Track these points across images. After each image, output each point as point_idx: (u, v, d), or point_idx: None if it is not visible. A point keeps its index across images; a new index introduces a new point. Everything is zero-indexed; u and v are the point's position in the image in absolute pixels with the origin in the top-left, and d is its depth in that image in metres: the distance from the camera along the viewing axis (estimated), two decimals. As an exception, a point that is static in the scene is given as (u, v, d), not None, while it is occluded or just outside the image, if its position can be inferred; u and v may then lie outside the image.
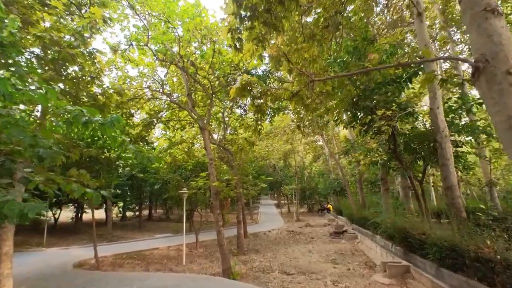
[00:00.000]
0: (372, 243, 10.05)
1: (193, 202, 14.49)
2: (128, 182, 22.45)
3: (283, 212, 32.66)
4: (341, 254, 10.50)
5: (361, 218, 13.39)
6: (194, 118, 9.25)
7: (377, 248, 9.30)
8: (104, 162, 12.04)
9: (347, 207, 18.43)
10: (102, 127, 3.39)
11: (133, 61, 12.87)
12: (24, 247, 14.64)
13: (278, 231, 19.28)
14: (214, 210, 8.37)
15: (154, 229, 21.45)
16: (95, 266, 10.78)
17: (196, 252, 13.51)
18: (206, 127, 8.84)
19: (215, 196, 8.26)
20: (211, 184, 7.21)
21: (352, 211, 15.93)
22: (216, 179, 8.39)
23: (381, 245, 9.42)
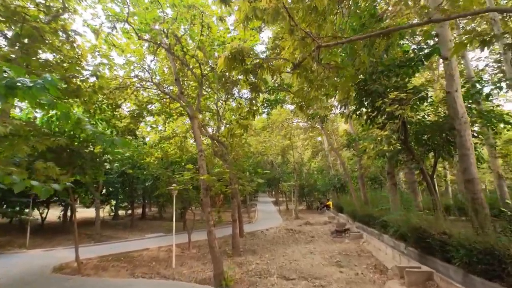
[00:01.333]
0: (381, 244, 9.16)
1: (185, 200, 13.52)
2: (119, 179, 21.43)
3: (281, 209, 31.78)
4: (346, 255, 9.58)
5: (366, 215, 12.51)
6: (182, 106, 8.28)
7: (387, 249, 8.40)
8: (87, 156, 11.02)
9: (348, 204, 17.56)
10: (29, 91, 2.42)
11: (118, 47, 11.82)
12: (6, 248, 13.63)
13: (276, 230, 18.37)
14: (204, 207, 7.42)
15: (146, 228, 20.48)
16: (77, 269, 9.82)
17: (188, 253, 12.57)
18: (195, 115, 7.86)
19: (205, 192, 7.30)
20: (199, 177, 6.26)
21: (355, 208, 15.04)
22: (207, 173, 7.43)
23: (391, 246, 8.53)
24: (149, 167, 14.30)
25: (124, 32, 11.31)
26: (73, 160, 10.74)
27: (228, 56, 4.16)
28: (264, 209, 32.95)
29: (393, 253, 7.80)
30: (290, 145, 24.94)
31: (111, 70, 12.84)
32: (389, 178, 10.89)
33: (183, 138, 16.11)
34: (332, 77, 4.55)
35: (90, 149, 11.50)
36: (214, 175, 6.78)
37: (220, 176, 7.44)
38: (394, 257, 7.66)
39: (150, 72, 12.67)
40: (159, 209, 26.75)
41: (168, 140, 15.70)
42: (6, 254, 12.63)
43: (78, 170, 11.67)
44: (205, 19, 7.40)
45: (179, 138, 16.10)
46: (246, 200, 28.18)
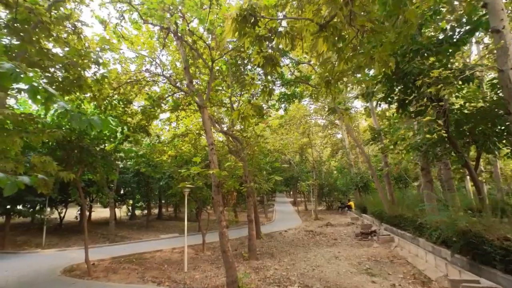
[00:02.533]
0: (418, 249, 8.00)
1: (199, 199, 12.86)
2: (135, 178, 21.21)
3: (300, 210, 30.63)
4: (377, 261, 8.50)
5: (395, 216, 11.32)
6: (190, 95, 7.57)
7: (427, 255, 7.27)
8: (98, 154, 10.60)
9: (374, 204, 16.29)
10: None
11: (127, 39, 11.34)
12: (22, 248, 13.55)
13: (296, 231, 17.39)
14: (215, 206, 6.64)
15: (162, 228, 20.10)
16: (87, 271, 9.37)
17: (202, 255, 11.89)
18: (205, 105, 7.11)
19: (217, 189, 6.53)
20: (207, 172, 5.50)
21: (382, 208, 13.81)
22: (218, 168, 6.65)
23: (429, 251, 7.39)
24: (162, 166, 13.76)
25: (133, 23, 10.81)
26: (84, 158, 10.33)
27: (237, 17, 3.33)
28: (282, 209, 31.96)
29: (435, 261, 6.67)
30: (308, 142, 23.79)
31: (126, 64, 12.45)
32: (424, 175, 9.68)
33: (197, 135, 15.49)
34: (365, 47, 3.62)
35: (101, 147, 11.09)
36: (225, 170, 5.99)
37: (232, 172, 6.65)
38: (437, 265, 6.53)
39: (161, 66, 12.13)
40: (174, 209, 26.43)
41: (182, 137, 15.13)
42: (21, 253, 12.49)
43: (89, 168, 11.29)
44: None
45: (192, 135, 15.49)
46: (263, 200, 27.32)
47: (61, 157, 10.15)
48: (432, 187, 9.61)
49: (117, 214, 24.49)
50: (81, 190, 10.27)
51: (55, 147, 10.19)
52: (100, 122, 2.78)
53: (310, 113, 26.13)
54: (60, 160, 10.10)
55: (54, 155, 10.11)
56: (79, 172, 10.46)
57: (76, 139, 10.05)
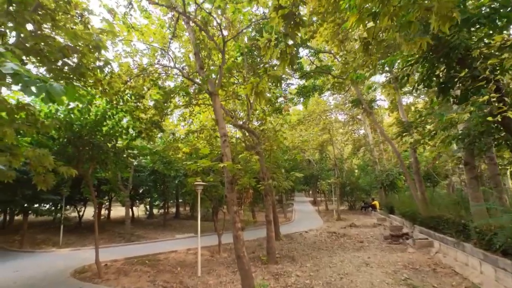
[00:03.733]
0: (468, 257, 6.79)
1: (214, 198, 12.16)
2: (151, 177, 20.95)
3: (321, 210, 29.39)
4: (415, 270, 7.36)
5: (432, 218, 10.06)
6: (201, 80, 6.84)
7: (482, 265, 6.08)
8: (110, 151, 10.13)
9: (404, 204, 14.94)
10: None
11: (137, 29, 10.83)
12: (40, 246, 13.46)
13: (317, 232, 16.34)
14: (229, 205, 5.85)
15: (179, 228, 19.67)
16: (97, 273, 8.91)
17: (218, 257, 11.18)
18: (216, 92, 6.34)
19: (230, 186, 5.73)
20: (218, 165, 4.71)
21: (414, 208, 12.50)
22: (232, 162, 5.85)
23: (481, 259, 6.21)
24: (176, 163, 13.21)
25: (142, 11, 10.27)
26: (95, 154, 9.89)
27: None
28: (301, 209, 30.84)
29: (496, 273, 5.50)
30: (329, 139, 22.54)
31: (139, 58, 11.99)
32: (468, 171, 8.41)
33: (212, 131, 14.84)
34: None
35: (113, 143, 10.62)
36: (239, 164, 5.18)
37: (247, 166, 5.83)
38: (498, 279, 5.37)
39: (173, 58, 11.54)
40: (191, 208, 26.07)
41: (196, 133, 14.54)
42: (36, 252, 12.34)
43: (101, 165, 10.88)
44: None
45: (208, 131, 14.86)
46: (282, 199, 26.37)
47: (72, 154, 9.76)
48: (478, 184, 8.31)
49: (135, 213, 24.45)
50: (92, 187, 9.82)
51: (66, 143, 9.78)
52: (62, 89, 2.06)
53: (330, 108, 24.89)
54: (71, 157, 9.74)
55: (65, 152, 9.75)
56: (90, 169, 10.05)
57: (87, 135, 9.61)
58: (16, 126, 4.96)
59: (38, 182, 5.60)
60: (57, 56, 5.84)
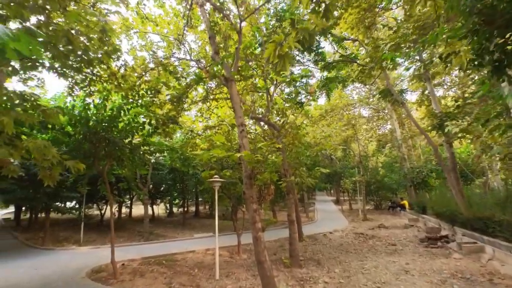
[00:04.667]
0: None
1: (232, 196, 11.54)
2: (170, 175, 20.76)
3: (344, 209, 28.09)
4: (467, 280, 6.29)
5: (478, 219, 8.85)
6: (216, 76, 6.21)
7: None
8: (126, 147, 9.78)
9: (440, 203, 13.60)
10: None
11: (151, 20, 10.42)
12: (62, 244, 13.49)
13: (343, 233, 15.33)
14: (247, 203, 5.16)
15: (198, 227, 19.32)
16: (112, 274, 8.56)
17: (237, 259, 10.55)
18: (232, 77, 5.67)
19: (248, 181, 5.04)
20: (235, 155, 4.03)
21: (452, 208, 11.24)
22: None
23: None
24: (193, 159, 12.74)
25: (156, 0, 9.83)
26: (112, 151, 9.57)
27: None
28: (323, 209, 29.68)
29: None
30: (353, 135, 21.27)
31: (158, 49, 11.61)
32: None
33: (230, 126, 14.25)
34: None
35: (129, 139, 10.26)
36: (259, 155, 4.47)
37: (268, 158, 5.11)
38: None
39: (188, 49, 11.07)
40: (210, 206, 25.74)
41: (214, 129, 14.01)
42: (57, 250, 12.32)
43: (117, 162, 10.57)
44: None
45: (225, 126, 14.28)
46: (304, 198, 25.39)
47: (89, 151, 9.48)
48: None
49: (155, 212, 24.47)
50: (107, 185, 9.50)
51: (82, 139, 9.51)
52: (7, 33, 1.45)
53: (354, 102, 23.59)
54: (87, 154, 9.48)
55: (81, 148, 9.49)
56: (106, 166, 9.74)
57: (102, 131, 9.28)
58: (14, 115, 4.53)
59: (44, 177, 5.18)
60: (62, 41, 5.40)
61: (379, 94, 13.61)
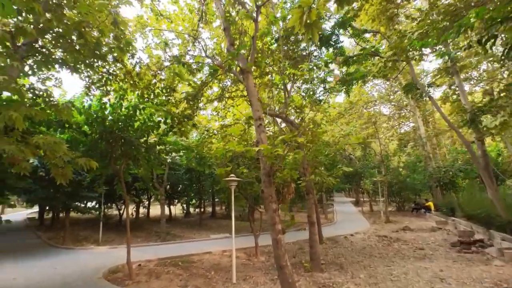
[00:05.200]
0: None
1: (249, 196, 11.20)
2: (186, 175, 20.70)
3: (365, 211, 27.07)
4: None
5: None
6: (233, 73, 5.86)
7: None
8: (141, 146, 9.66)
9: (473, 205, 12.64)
10: None
11: (165, 17, 10.28)
12: (81, 243, 13.62)
13: (365, 236, 14.62)
14: (266, 203, 4.76)
15: (215, 227, 19.11)
16: (128, 275, 8.40)
17: (255, 261, 10.18)
18: (249, 69, 5.31)
19: (267, 179, 4.65)
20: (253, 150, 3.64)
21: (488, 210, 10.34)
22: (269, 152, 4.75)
23: None
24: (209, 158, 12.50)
25: (170, -5, 9.66)
26: (128, 150, 9.47)
27: None
28: (342, 210, 28.76)
29: None
30: (374, 133, 20.33)
31: (170, 50, 11.50)
32: None
33: (246, 125, 13.92)
34: None
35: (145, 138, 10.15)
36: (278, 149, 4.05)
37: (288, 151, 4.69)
38: None
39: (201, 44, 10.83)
40: (226, 207, 25.51)
41: (229, 128, 13.72)
42: (76, 249, 12.41)
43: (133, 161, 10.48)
44: None
45: (241, 125, 13.96)
46: (322, 199, 24.67)
47: (105, 150, 9.42)
48: None
49: (172, 212, 24.54)
50: (123, 184, 9.39)
51: (98, 139, 9.46)
52: None
53: (374, 99, 22.66)
54: (104, 153, 9.43)
55: (97, 147, 9.45)
56: (122, 166, 9.65)
57: (118, 130, 9.19)
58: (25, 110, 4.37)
59: (56, 175, 5.01)
60: (72, 34, 5.24)
61: (403, 89, 12.82)
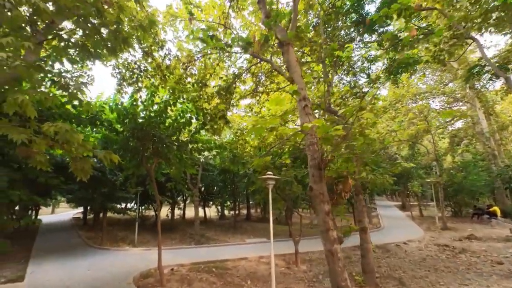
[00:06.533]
0: None
1: (288, 197, 10.16)
2: (220, 177, 20.18)
3: (414, 215, 24.42)
4: None
5: None
6: (267, 61, 4.95)
7: None
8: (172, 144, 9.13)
9: None
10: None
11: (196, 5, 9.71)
12: (118, 244, 13.57)
13: (420, 244, 12.77)
14: (315, 202, 3.69)
15: (250, 231, 18.25)
16: (159, 281, 7.82)
17: (295, 270, 9.08)
18: (289, 40, 4.34)
19: (318, 172, 3.61)
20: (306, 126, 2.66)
21: None
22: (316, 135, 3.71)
23: None
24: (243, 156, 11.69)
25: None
26: (159, 149, 8.98)
27: None
28: (387, 215, 26.30)
29: None
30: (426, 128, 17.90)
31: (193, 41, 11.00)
32: None
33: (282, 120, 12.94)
34: None
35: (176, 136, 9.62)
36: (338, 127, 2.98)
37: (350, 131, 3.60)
38: None
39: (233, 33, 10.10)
40: (262, 209, 24.56)
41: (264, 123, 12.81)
42: (111, 250, 12.28)
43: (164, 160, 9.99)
44: None
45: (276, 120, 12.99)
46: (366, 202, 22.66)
47: (136, 148, 9.01)
48: None
49: (207, 214, 24.20)
50: (154, 184, 8.87)
51: (129, 136, 9.09)
52: None
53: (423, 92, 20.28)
54: (135, 151, 9.04)
55: (128, 145, 9.08)
56: (154, 164, 9.17)
57: (148, 126, 8.71)
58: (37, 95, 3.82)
59: (76, 170, 4.45)
60: (91, 14, 4.68)
61: (468, 72, 10.87)
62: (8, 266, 10.05)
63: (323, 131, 2.70)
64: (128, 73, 10.28)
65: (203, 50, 10.05)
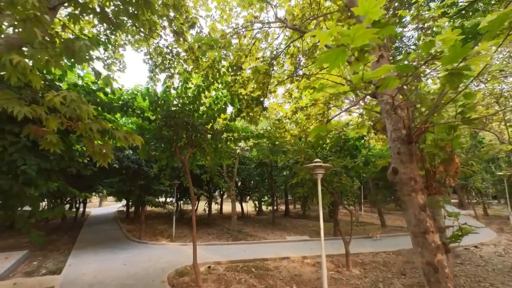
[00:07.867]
0: None
1: (335, 191, 8.89)
2: (257, 170, 19.31)
3: (478, 214, 21.34)
4: None
5: None
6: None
7: None
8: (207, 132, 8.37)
9: None
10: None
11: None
12: (156, 238, 13.38)
13: (497, 248, 10.69)
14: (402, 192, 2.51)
15: (289, 227, 17.15)
16: (195, 280, 7.11)
17: (347, 274, 7.82)
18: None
19: (407, 148, 2.41)
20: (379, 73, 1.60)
21: None
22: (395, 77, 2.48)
23: None
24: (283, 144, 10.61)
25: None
26: (193, 139, 8.27)
27: None
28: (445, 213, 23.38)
29: None
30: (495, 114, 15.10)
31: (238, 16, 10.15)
32: None
33: (325, 107, 11.63)
34: None
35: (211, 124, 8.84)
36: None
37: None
38: None
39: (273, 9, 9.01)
40: (302, 205, 23.22)
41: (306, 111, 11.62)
42: (149, 245, 12.02)
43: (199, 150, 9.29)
44: None
45: (319, 107, 11.72)
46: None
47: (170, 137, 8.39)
48: None
49: (244, 209, 23.59)
50: (189, 176, 8.16)
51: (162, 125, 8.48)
52: None
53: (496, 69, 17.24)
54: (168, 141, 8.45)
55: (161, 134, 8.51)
56: (187, 155, 8.48)
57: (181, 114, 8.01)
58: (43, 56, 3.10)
59: (94, 153, 3.75)
60: None
61: None
62: (53, 257, 10.19)
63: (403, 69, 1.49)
64: (160, 59, 9.76)
65: (235, 30, 9.18)
